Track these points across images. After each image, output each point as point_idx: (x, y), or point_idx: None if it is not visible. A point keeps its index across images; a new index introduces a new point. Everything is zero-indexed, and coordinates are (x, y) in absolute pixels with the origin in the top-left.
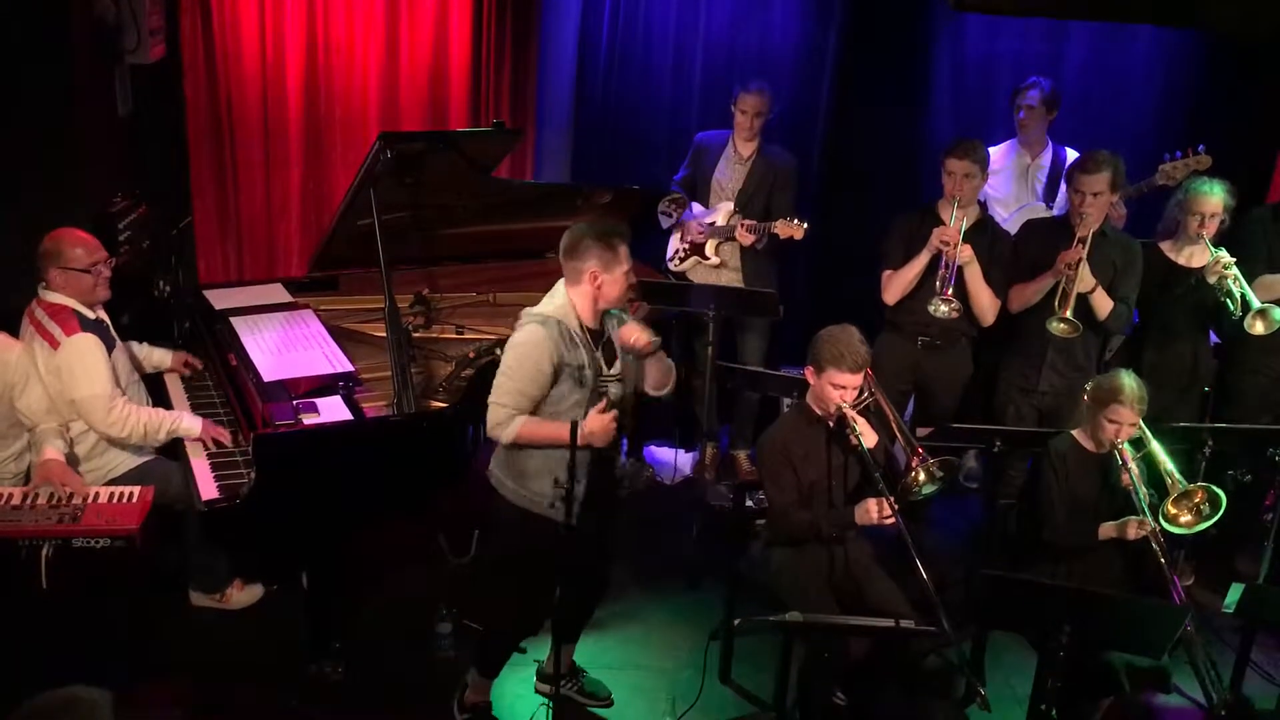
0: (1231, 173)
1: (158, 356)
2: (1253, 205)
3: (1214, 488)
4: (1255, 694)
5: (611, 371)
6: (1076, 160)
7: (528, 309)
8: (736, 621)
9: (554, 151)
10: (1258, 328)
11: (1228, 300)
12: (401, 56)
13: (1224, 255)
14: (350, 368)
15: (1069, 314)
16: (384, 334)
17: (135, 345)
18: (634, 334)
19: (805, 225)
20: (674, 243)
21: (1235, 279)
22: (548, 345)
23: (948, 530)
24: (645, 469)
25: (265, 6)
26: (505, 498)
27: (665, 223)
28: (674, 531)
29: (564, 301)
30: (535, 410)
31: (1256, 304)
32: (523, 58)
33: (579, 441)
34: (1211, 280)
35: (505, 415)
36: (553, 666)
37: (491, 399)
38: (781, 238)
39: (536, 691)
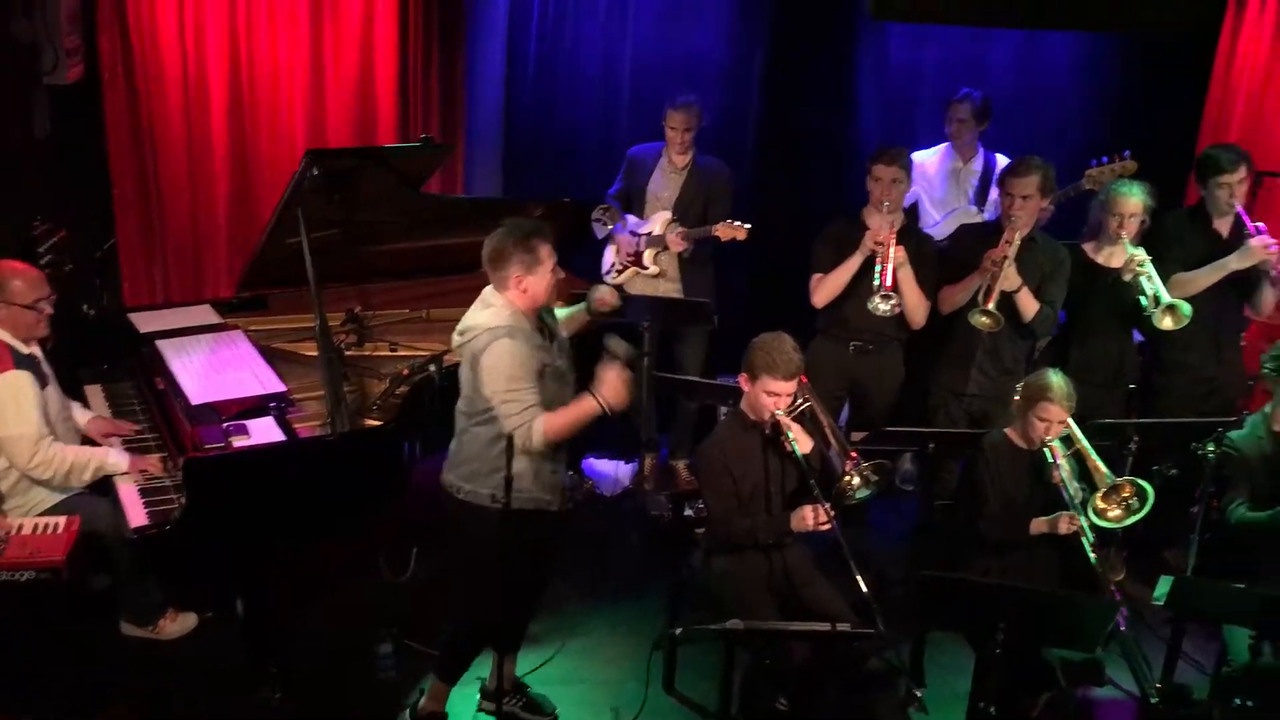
0: (1152, 174)
1: (77, 414)
2: (1172, 206)
3: (1141, 481)
4: (1187, 683)
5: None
6: (1008, 165)
7: (471, 326)
8: (678, 631)
9: (484, 165)
10: (1166, 322)
11: (1141, 297)
12: (327, 72)
13: (1138, 253)
14: (282, 388)
15: (991, 306)
16: (316, 353)
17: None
18: (611, 384)
19: (748, 226)
20: (609, 255)
21: (1149, 276)
22: (526, 350)
23: (886, 532)
24: (585, 482)
25: (185, 25)
26: (482, 505)
27: (599, 231)
28: (615, 543)
29: (508, 309)
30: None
31: (1166, 299)
32: (450, 72)
33: (603, 407)
34: (1127, 278)
35: (527, 423)
36: (495, 683)
37: (510, 422)
38: (724, 240)
39: (480, 710)
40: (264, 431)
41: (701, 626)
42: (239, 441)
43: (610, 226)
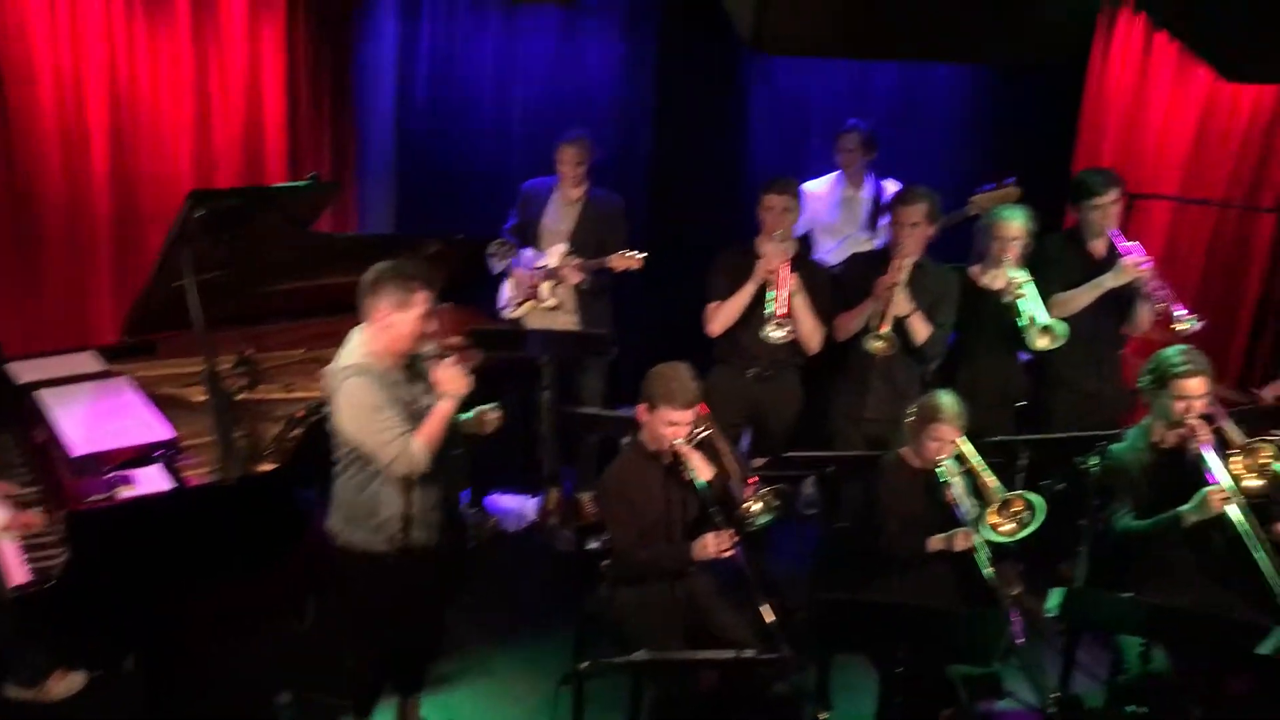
0: (1032, 199)
1: None
2: (1052, 229)
3: (1031, 495)
4: (1082, 692)
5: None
6: (896, 194)
7: (330, 369)
8: (584, 666)
9: (377, 203)
10: (1042, 343)
11: (1019, 319)
12: (213, 110)
13: (1018, 276)
14: (170, 435)
15: (885, 330)
16: (205, 398)
17: None
18: (447, 376)
19: (643, 255)
20: (506, 290)
21: (1028, 298)
22: (377, 386)
23: (790, 557)
24: (489, 519)
25: (62, 65)
26: (360, 550)
27: (495, 266)
28: (521, 579)
29: (363, 348)
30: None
31: (1043, 320)
32: (340, 109)
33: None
34: (1008, 300)
35: (401, 444)
36: None
37: (381, 451)
38: (619, 270)
39: None
40: (151, 480)
41: (608, 660)
42: (124, 492)
43: (506, 261)
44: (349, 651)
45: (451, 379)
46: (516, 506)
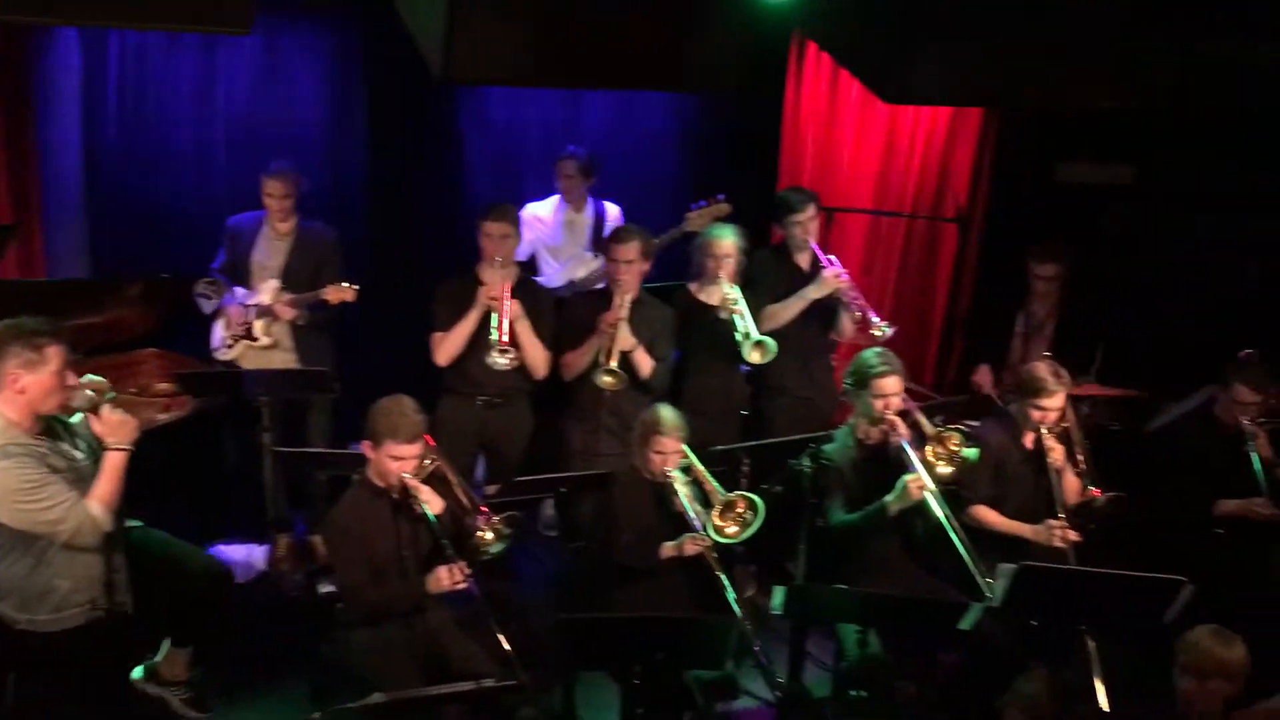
0: (742, 217)
1: None
2: (760, 245)
3: (751, 495)
4: (813, 682)
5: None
6: (610, 234)
7: None
8: (317, 716)
9: (68, 245)
10: (755, 356)
11: (736, 333)
12: None
13: (731, 292)
14: None
15: (613, 364)
16: None
17: None
18: (112, 424)
19: (356, 287)
20: (219, 331)
21: (741, 314)
22: (29, 460)
23: (533, 580)
24: None
25: None
26: (40, 629)
27: (205, 306)
28: (253, 632)
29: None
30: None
31: (755, 335)
32: (19, 150)
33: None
34: (724, 316)
35: (77, 514)
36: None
37: (55, 529)
38: (334, 302)
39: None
40: None
41: (344, 707)
42: None
43: (217, 300)
44: None
45: (116, 426)
46: (245, 556)
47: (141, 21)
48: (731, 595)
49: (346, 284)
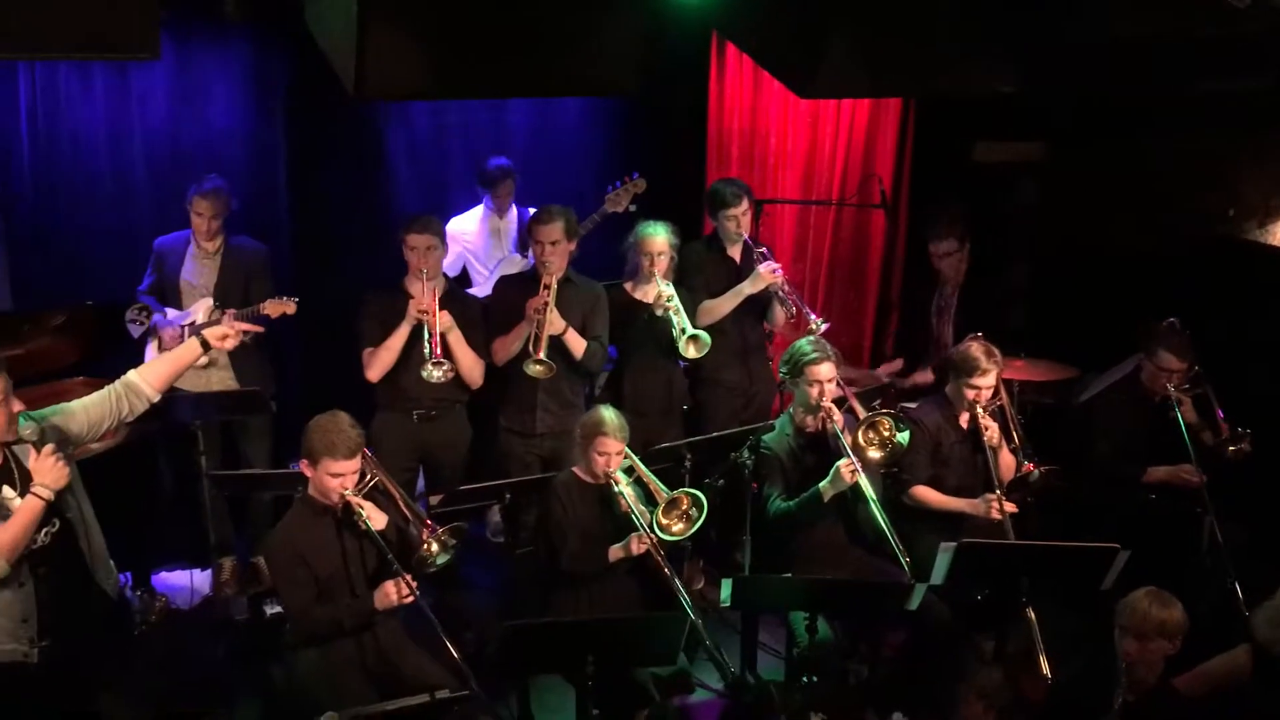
0: (671, 212)
1: None
2: (692, 237)
3: (694, 491)
4: (766, 670)
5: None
6: (533, 215)
7: None
8: None
9: None
10: (690, 351)
11: (673, 330)
12: None
13: (664, 289)
14: None
15: (543, 354)
16: None
17: None
18: (43, 467)
19: (296, 299)
20: (152, 354)
21: (676, 310)
22: None
23: (484, 588)
24: (157, 599)
25: None
26: None
27: (136, 331)
28: (198, 659)
29: None
30: None
31: (689, 330)
32: None
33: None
34: (659, 313)
35: None
36: None
37: None
38: (274, 316)
39: None
40: None
41: None
42: None
43: (147, 325)
44: None
45: (47, 470)
46: (186, 581)
47: (45, 52)
48: (680, 591)
49: (287, 298)
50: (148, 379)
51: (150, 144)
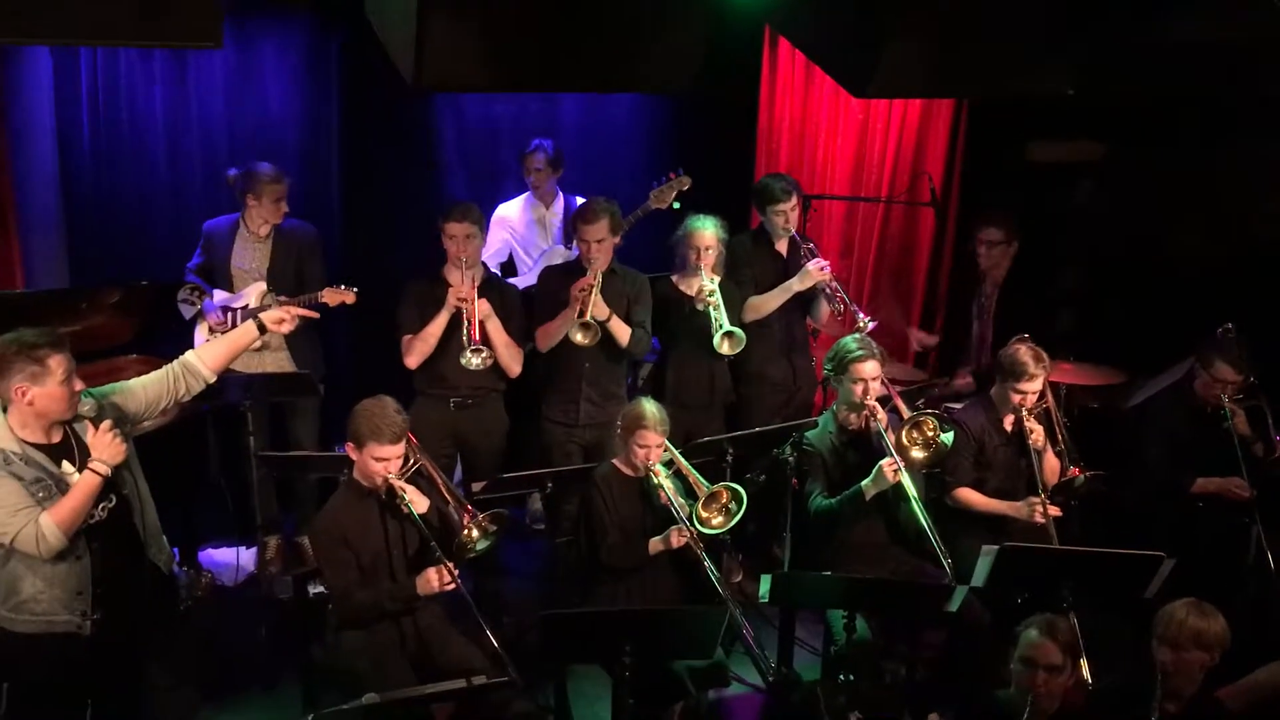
0: (721, 207)
1: None
2: (739, 230)
3: (734, 485)
4: (804, 667)
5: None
6: (578, 211)
7: None
8: (309, 718)
9: (46, 256)
10: (725, 348)
11: (714, 325)
12: None
13: (707, 284)
14: None
15: (588, 318)
16: None
17: None
18: (101, 443)
19: (355, 289)
20: (200, 337)
21: (717, 305)
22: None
23: (523, 575)
24: (204, 575)
25: None
26: (12, 631)
27: (187, 312)
28: (242, 635)
29: (8, 435)
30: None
31: (725, 326)
32: None
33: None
34: (701, 308)
35: (28, 522)
36: None
37: (13, 536)
38: (332, 305)
39: None
40: None
41: (336, 708)
42: None
43: (199, 305)
44: None
45: (105, 445)
46: (232, 559)
47: (110, 39)
48: (719, 585)
49: (345, 287)
50: (205, 360)
51: (207, 128)
